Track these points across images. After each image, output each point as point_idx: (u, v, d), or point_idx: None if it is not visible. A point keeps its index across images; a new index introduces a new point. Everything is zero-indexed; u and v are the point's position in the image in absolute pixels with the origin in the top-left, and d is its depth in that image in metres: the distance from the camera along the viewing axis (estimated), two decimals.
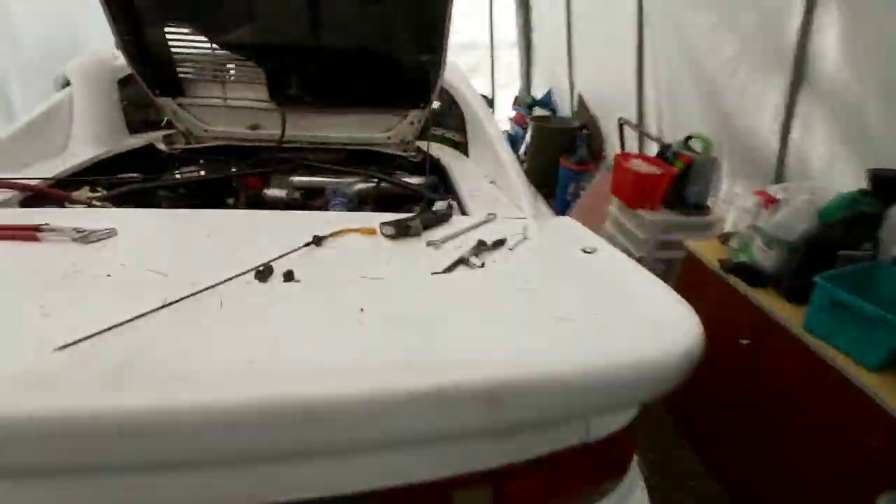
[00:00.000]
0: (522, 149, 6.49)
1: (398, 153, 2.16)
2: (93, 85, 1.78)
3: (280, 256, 1.06)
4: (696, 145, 3.19)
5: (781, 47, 2.57)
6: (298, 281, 0.98)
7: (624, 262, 1.09)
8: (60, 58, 1.92)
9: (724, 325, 2.33)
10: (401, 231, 1.23)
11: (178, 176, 1.95)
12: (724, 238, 2.57)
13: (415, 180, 2.03)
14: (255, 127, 2.06)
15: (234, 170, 2.02)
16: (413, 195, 1.86)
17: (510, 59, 7.30)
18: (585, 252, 1.14)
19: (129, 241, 1.08)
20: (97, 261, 0.96)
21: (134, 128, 2.01)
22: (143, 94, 1.83)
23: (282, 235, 1.22)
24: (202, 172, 2.02)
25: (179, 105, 1.98)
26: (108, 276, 0.91)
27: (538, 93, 6.95)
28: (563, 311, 0.88)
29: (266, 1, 1.81)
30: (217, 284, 0.88)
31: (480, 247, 1.20)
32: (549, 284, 1.00)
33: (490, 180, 1.73)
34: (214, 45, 1.79)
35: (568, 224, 1.32)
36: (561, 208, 5.13)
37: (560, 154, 5.28)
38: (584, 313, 0.88)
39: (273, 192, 1.95)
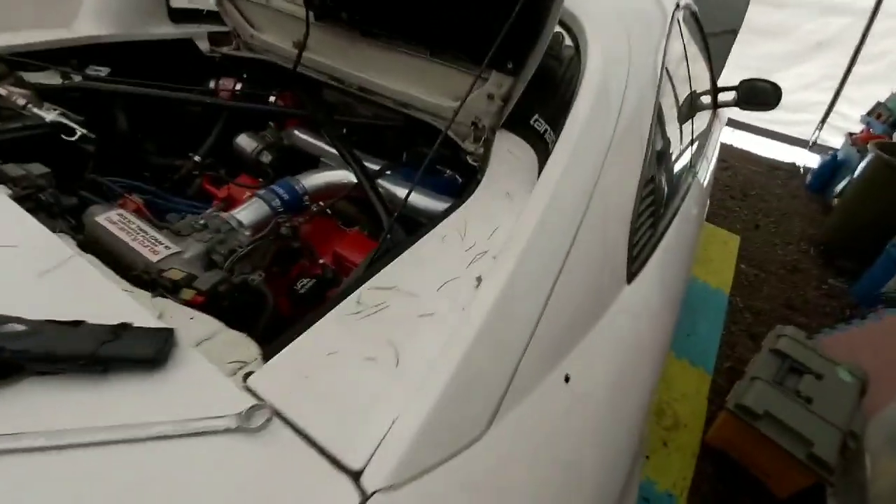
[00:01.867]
0: (841, 185, 4.10)
1: (461, 141, 1.23)
2: None
3: None
4: None
5: None
6: None
7: None
8: None
9: None
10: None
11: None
12: None
13: (434, 204, 1.12)
14: (298, 45, 1.42)
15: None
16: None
17: None
18: None
19: None
20: None
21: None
22: None
23: None
24: (238, 87, 1.55)
25: None
26: None
27: None
28: None
29: None
30: None
31: None
32: None
33: (493, 254, 0.71)
34: None
35: None
36: (858, 304, 3.07)
37: None
38: None
39: (244, 142, 1.34)
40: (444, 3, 1.05)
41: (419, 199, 1.10)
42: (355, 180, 1.15)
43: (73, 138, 1.23)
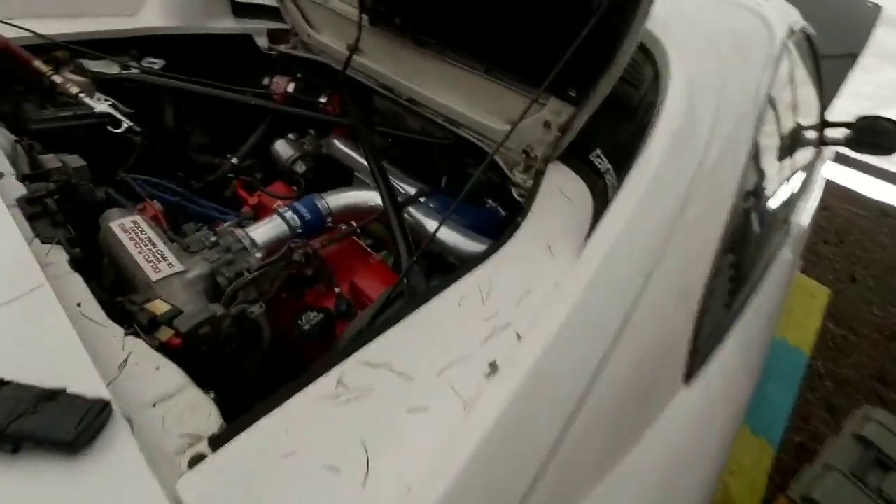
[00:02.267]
0: None
1: (509, 170, 1.10)
2: None
3: None
4: None
5: None
6: None
7: None
8: None
9: None
10: None
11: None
12: None
13: (466, 243, 1.00)
14: (351, 48, 1.34)
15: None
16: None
17: None
18: None
19: None
20: None
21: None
22: None
23: None
24: (291, 87, 1.51)
25: None
26: None
27: None
28: None
29: None
30: None
31: None
32: None
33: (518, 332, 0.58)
34: None
35: None
36: None
37: None
38: None
39: (281, 148, 1.28)
40: (503, 17, 0.92)
41: (449, 236, 0.98)
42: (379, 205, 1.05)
43: (118, 130, 1.23)
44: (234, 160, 1.28)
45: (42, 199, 0.77)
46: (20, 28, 1.19)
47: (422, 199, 1.12)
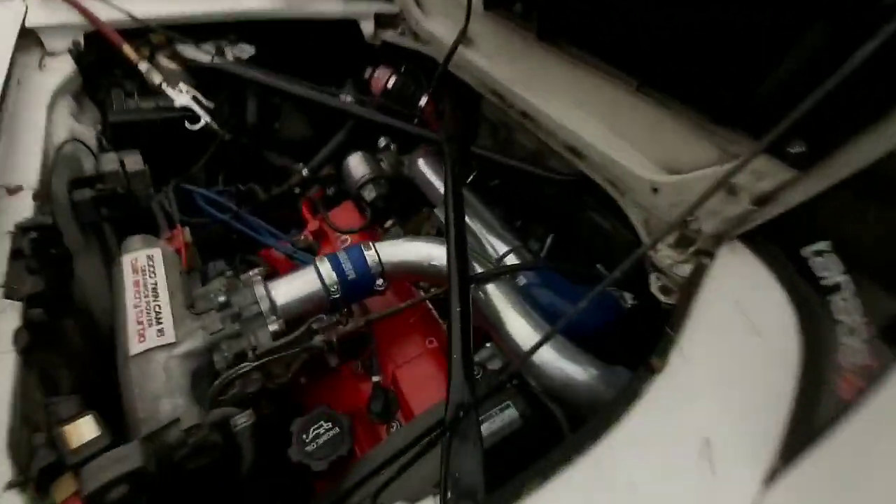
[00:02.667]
0: None
1: (656, 249, 0.72)
2: None
3: None
4: None
5: None
6: None
7: None
8: None
9: None
10: None
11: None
12: None
13: (564, 367, 0.65)
14: (458, 37, 1.04)
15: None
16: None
17: None
18: None
19: None
20: None
21: None
22: None
23: None
24: (391, 82, 1.28)
25: None
26: None
27: None
28: None
29: None
30: None
31: None
32: None
33: None
34: None
35: None
36: None
37: None
38: None
39: (354, 163, 1.03)
40: (691, 14, 0.54)
41: (540, 352, 0.64)
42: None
43: (195, 127, 1.11)
44: (305, 171, 1.08)
45: (30, 230, 0.63)
46: (118, 9, 1.12)
47: (506, 271, 0.78)
